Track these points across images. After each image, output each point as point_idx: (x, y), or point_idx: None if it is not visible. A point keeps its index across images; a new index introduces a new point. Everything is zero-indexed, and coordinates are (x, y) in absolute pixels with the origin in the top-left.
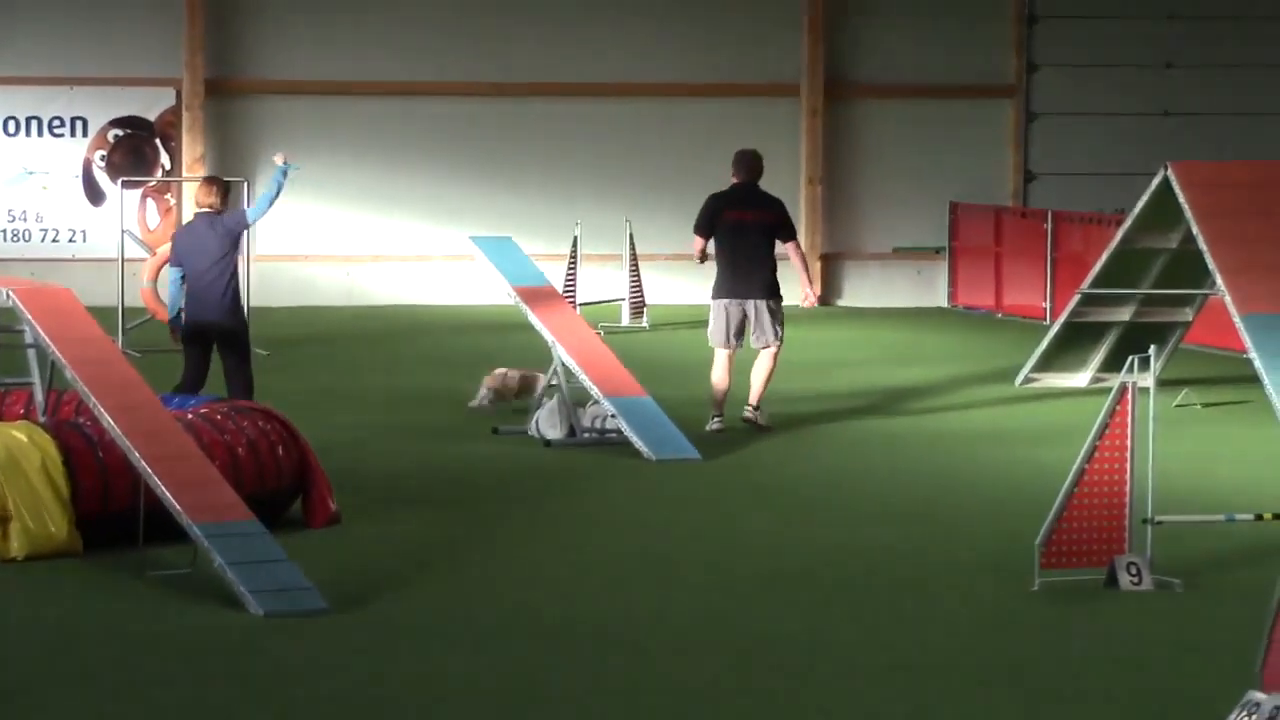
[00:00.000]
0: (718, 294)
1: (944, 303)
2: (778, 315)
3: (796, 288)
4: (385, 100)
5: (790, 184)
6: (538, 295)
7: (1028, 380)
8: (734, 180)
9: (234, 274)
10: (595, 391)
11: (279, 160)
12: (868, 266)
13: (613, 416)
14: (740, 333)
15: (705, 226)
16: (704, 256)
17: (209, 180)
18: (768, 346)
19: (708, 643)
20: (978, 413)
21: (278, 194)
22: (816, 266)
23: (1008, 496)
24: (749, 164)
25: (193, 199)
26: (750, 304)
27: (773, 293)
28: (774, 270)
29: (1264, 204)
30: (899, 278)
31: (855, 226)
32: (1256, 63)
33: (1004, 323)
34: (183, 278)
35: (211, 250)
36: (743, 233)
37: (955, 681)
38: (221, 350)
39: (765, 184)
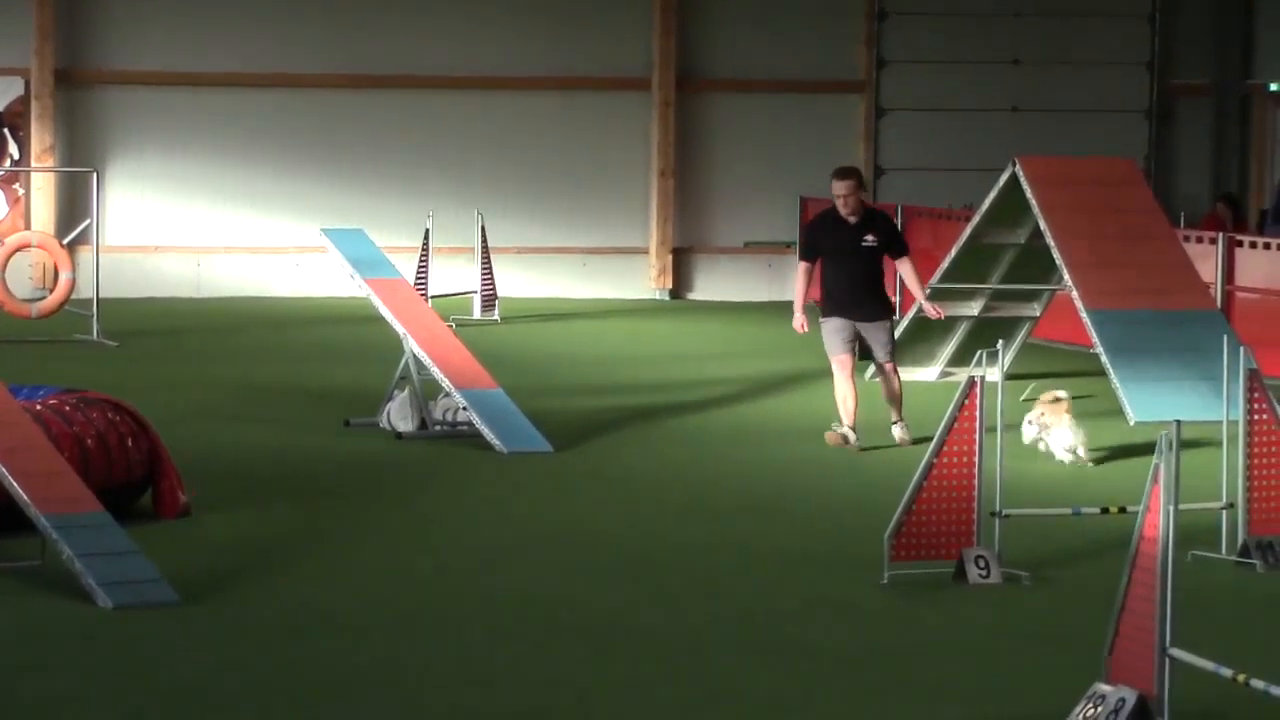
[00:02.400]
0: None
1: None
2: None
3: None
4: (237, 91)
5: (641, 177)
6: (389, 287)
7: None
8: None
9: None
10: (446, 384)
11: None
12: (718, 260)
13: (464, 409)
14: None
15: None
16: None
17: None
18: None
19: (562, 628)
20: (827, 407)
21: None
22: (667, 260)
23: (858, 489)
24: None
25: None
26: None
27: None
28: None
29: (1111, 200)
30: (750, 272)
31: (707, 220)
32: (1103, 60)
33: None
34: None
35: None
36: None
37: (805, 669)
38: None
39: (613, 178)
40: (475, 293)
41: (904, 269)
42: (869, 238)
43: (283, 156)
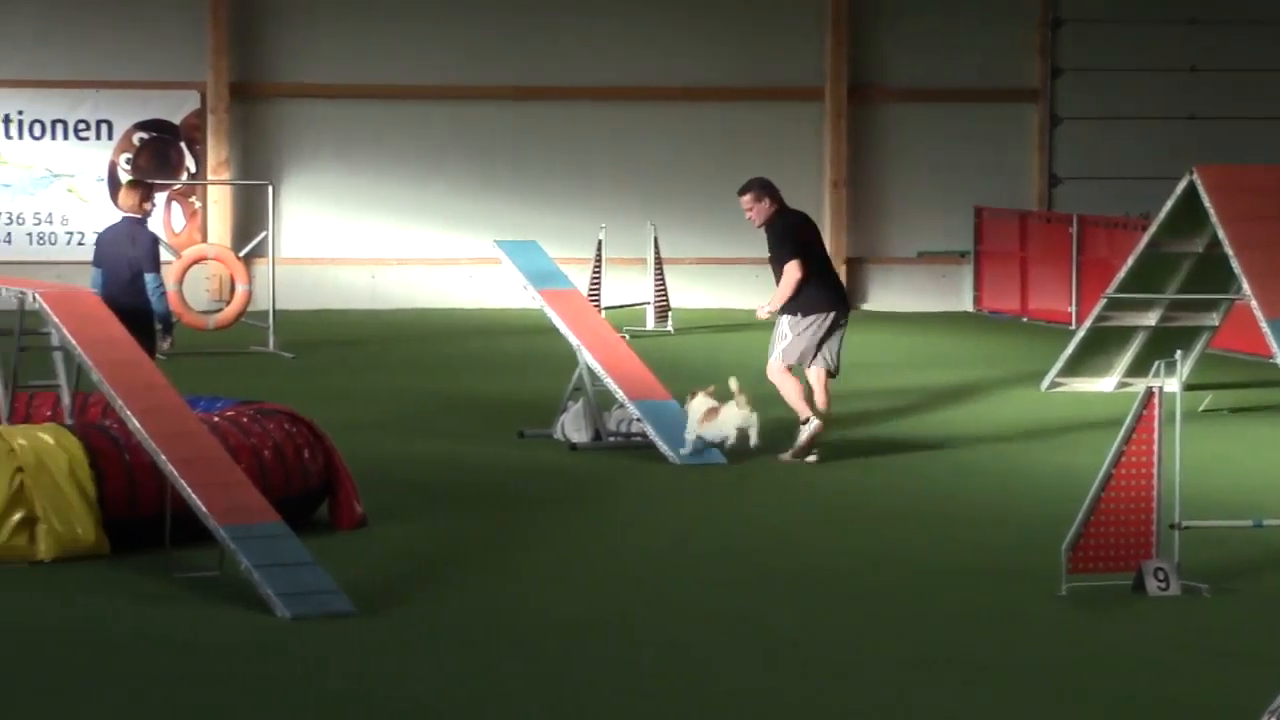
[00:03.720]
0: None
1: (969, 307)
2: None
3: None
4: (409, 104)
5: (814, 187)
6: (562, 298)
7: (1054, 385)
8: (774, 208)
9: (141, 277)
10: (620, 395)
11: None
12: (892, 271)
13: (638, 420)
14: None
15: (799, 249)
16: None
17: (133, 184)
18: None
19: (736, 641)
20: (1003, 417)
21: (160, 299)
22: (842, 270)
23: (1035, 501)
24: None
25: (119, 203)
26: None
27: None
28: None
29: None
30: (923, 282)
31: (880, 230)
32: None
33: (1029, 327)
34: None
35: (125, 256)
36: (819, 251)
37: (982, 681)
38: None
39: (785, 189)
40: (648, 304)
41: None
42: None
43: (456, 168)
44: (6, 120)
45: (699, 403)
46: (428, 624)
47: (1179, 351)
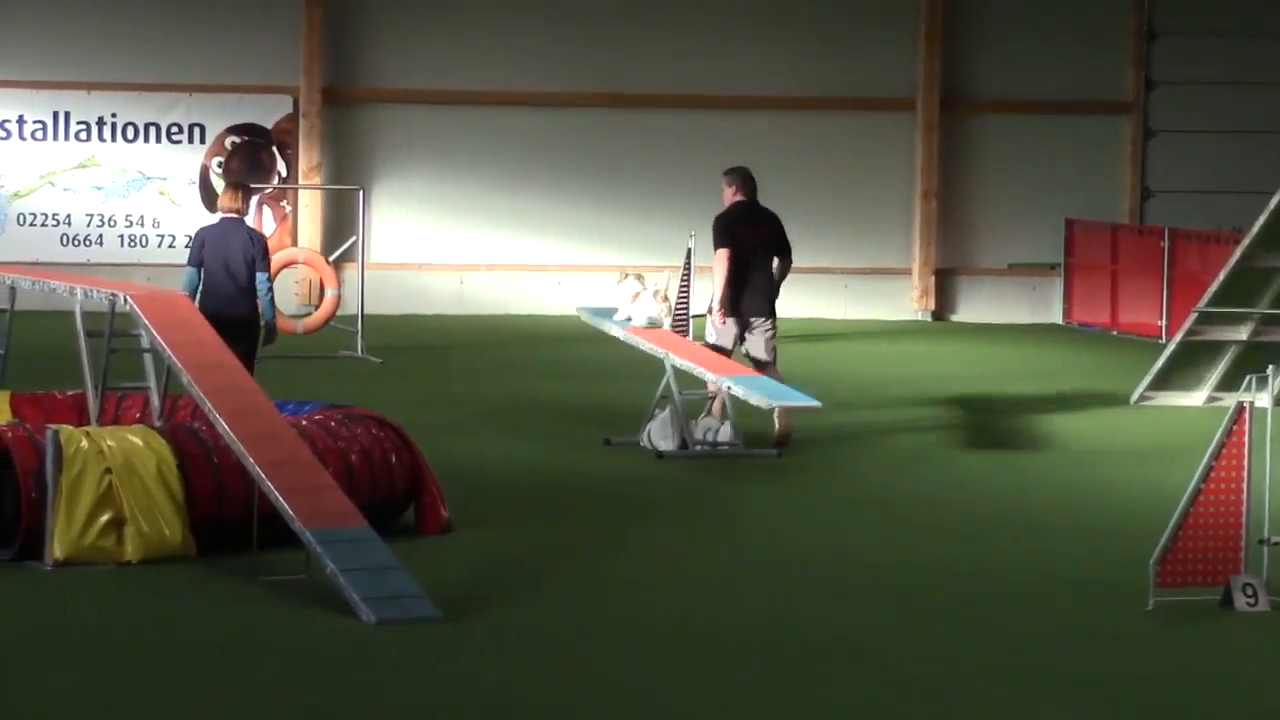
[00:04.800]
0: (731, 310)
1: (1059, 319)
2: (774, 335)
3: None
4: (501, 110)
5: (904, 198)
6: (644, 331)
7: (1143, 399)
8: (736, 198)
9: (249, 279)
10: (709, 375)
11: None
12: (981, 282)
13: (728, 389)
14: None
15: (730, 241)
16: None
17: (234, 185)
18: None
19: (822, 650)
20: (1092, 431)
21: (270, 301)
22: (930, 281)
23: (1123, 515)
24: (751, 181)
25: (219, 203)
26: (757, 321)
27: (773, 311)
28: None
29: None
30: (1013, 294)
31: (970, 242)
32: None
33: (1119, 340)
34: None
35: (235, 255)
36: (753, 251)
37: (1067, 695)
38: (231, 344)
39: (876, 199)
40: None
41: None
42: None
43: (546, 175)
44: (100, 123)
45: (629, 284)
46: (513, 629)
47: (1270, 367)
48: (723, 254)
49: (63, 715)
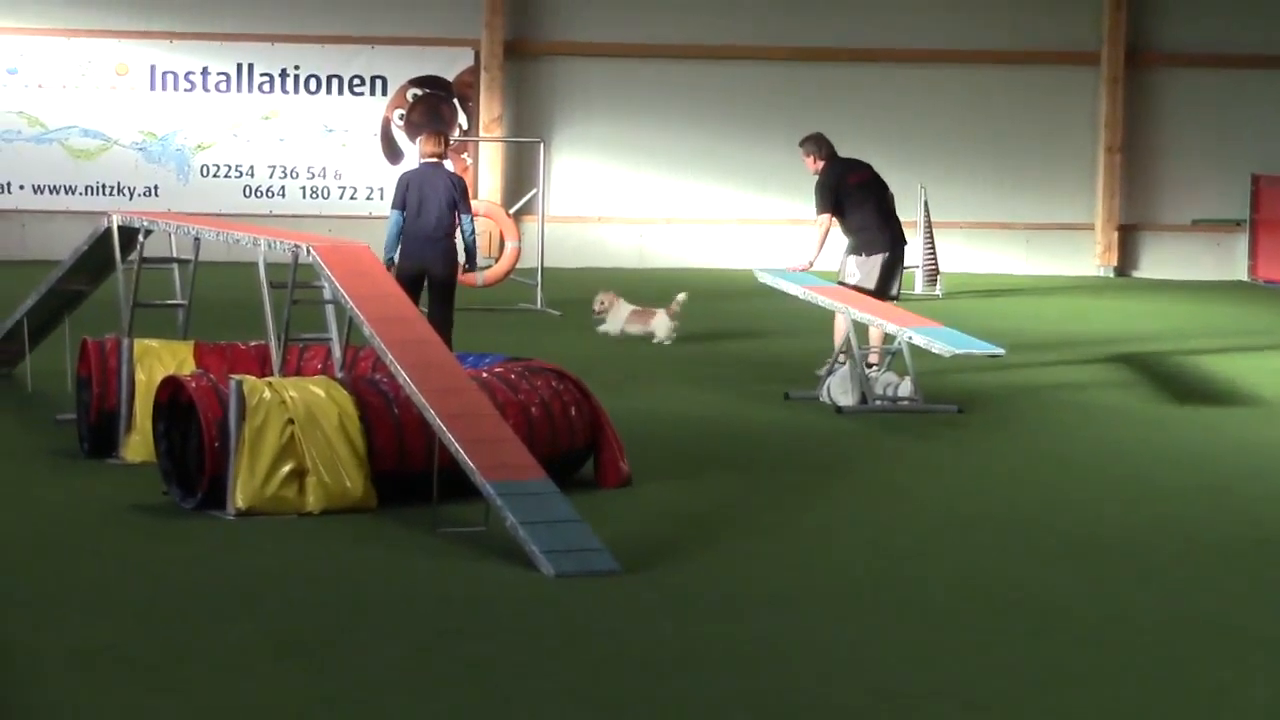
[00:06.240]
0: (878, 249)
1: (1243, 276)
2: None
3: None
4: (682, 63)
5: (1088, 152)
6: (824, 289)
7: None
8: (826, 158)
9: (452, 223)
10: (889, 326)
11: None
12: (1165, 238)
13: (909, 340)
14: None
15: (835, 201)
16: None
17: (435, 132)
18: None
19: (1006, 609)
20: (1277, 388)
21: (474, 241)
22: (1113, 237)
23: None
24: (829, 141)
25: (420, 149)
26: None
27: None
28: None
29: None
30: (1198, 250)
31: (1154, 197)
32: None
33: None
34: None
35: (438, 197)
36: (875, 189)
37: (1253, 658)
38: (431, 293)
39: (1059, 153)
40: (918, 267)
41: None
42: None
43: (727, 129)
44: (283, 75)
45: (623, 305)
46: (693, 584)
47: None
48: (827, 218)
49: (244, 665)
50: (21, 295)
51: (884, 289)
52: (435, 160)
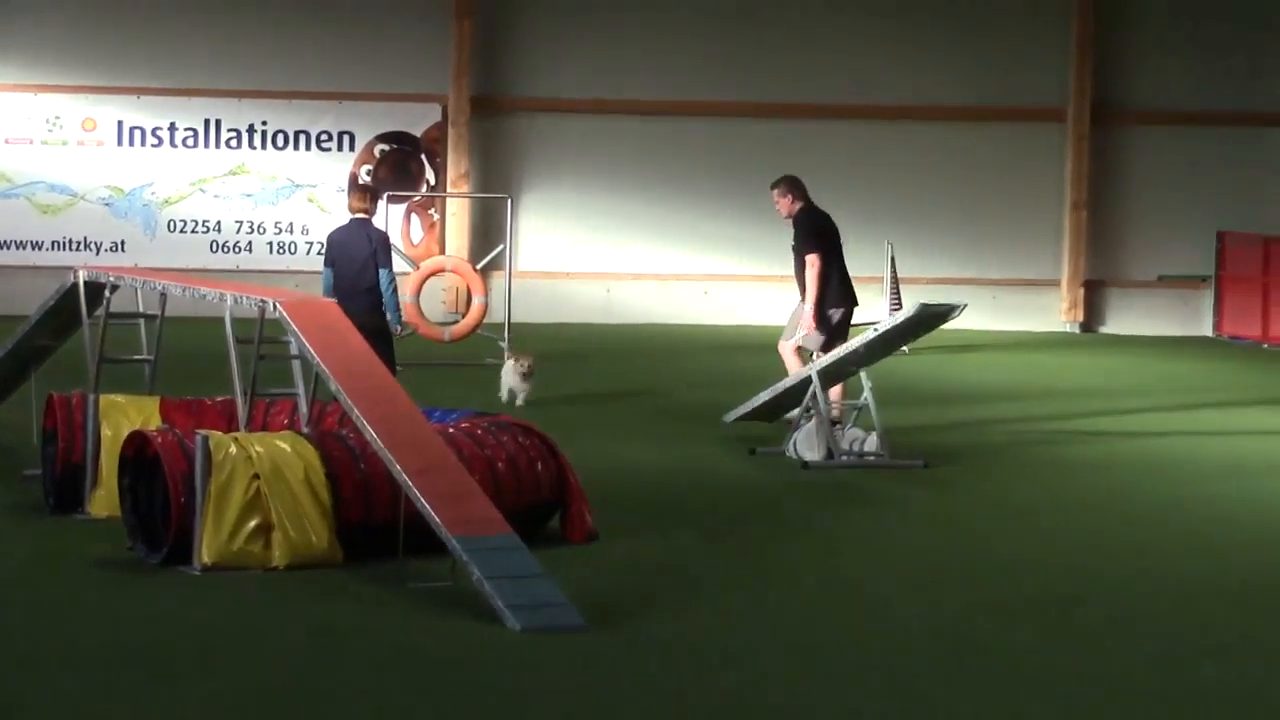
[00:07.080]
0: (839, 303)
1: (1209, 332)
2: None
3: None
4: (647, 120)
5: (1054, 209)
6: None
7: None
8: (798, 205)
9: (375, 276)
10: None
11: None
12: (1131, 294)
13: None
14: None
15: (820, 245)
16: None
17: (362, 189)
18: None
19: (971, 671)
20: (1246, 444)
21: (392, 294)
22: (1079, 293)
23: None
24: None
25: (348, 204)
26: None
27: None
28: None
29: None
30: (1163, 306)
31: (1120, 253)
32: None
33: (1271, 353)
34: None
35: (360, 252)
36: (838, 244)
37: (1236, 715)
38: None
39: (1024, 210)
40: (883, 323)
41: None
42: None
43: (693, 185)
44: (250, 130)
45: (511, 364)
46: (658, 639)
47: None
48: (817, 257)
49: None
50: None
51: (833, 345)
52: (363, 216)
